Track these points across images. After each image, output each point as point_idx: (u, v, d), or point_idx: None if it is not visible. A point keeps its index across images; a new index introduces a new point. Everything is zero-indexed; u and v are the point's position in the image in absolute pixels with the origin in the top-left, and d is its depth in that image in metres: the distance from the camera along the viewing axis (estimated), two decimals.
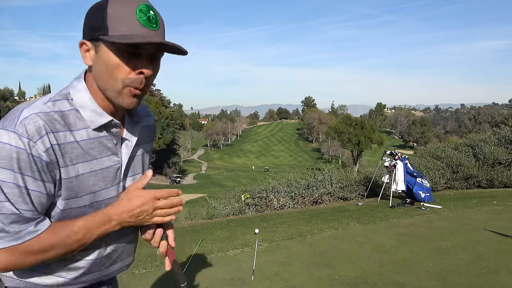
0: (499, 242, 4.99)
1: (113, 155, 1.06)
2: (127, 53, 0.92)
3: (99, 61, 0.95)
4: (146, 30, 0.92)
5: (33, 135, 0.89)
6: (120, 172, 1.09)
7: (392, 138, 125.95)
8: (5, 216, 0.90)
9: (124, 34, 0.90)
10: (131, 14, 0.91)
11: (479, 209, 7.23)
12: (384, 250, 4.90)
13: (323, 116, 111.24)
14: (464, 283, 3.73)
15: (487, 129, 31.11)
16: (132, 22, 0.91)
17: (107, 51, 0.93)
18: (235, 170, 75.35)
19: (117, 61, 0.93)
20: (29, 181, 0.91)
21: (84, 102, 1.00)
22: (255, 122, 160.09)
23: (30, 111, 0.92)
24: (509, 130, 11.22)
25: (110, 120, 1.02)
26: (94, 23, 0.93)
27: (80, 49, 0.98)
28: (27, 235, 0.93)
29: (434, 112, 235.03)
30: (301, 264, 4.39)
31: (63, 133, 0.95)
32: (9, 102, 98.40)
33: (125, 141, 1.10)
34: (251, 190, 9.84)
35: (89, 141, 1.00)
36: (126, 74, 0.94)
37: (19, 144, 0.88)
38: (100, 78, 0.97)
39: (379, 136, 67.72)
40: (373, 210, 7.63)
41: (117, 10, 0.91)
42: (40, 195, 0.93)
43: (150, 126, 1.25)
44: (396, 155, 8.28)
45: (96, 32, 0.93)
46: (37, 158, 0.90)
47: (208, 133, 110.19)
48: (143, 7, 0.93)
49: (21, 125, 0.89)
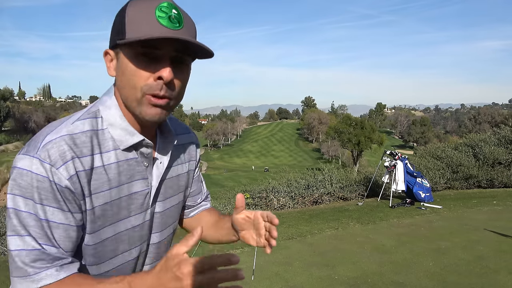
0: (499, 242, 4.99)
1: (142, 180, 0.95)
2: (145, 57, 0.83)
3: (119, 70, 0.87)
4: (166, 30, 0.82)
5: (56, 161, 0.81)
6: (149, 198, 0.98)
7: (392, 138, 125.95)
8: (27, 253, 0.80)
9: (140, 35, 0.81)
10: (149, 14, 0.82)
11: (479, 209, 7.23)
12: (384, 250, 4.90)
13: (323, 116, 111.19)
14: (464, 283, 3.73)
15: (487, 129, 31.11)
16: (150, 22, 0.82)
17: (124, 58, 0.85)
18: (235, 170, 75.37)
19: (134, 67, 0.84)
20: (54, 213, 0.82)
21: (114, 119, 0.90)
22: (255, 122, 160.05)
23: (55, 135, 0.84)
24: (509, 130, 11.23)
25: (141, 140, 0.91)
26: (115, 30, 0.86)
27: (105, 59, 0.90)
28: (44, 279, 0.81)
29: (434, 112, 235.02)
30: (301, 264, 4.38)
31: (89, 157, 0.86)
32: (9, 102, 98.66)
33: (156, 162, 0.98)
34: (251, 190, 9.85)
35: (117, 165, 0.90)
36: (145, 80, 0.84)
37: (40, 171, 0.80)
38: (122, 88, 0.88)
39: (379, 136, 67.67)
40: (373, 210, 7.63)
41: (135, 12, 0.83)
42: (67, 227, 0.84)
43: (187, 145, 1.13)
44: (396, 155, 8.29)
45: (115, 38, 0.85)
46: (59, 186, 0.81)
47: (208, 133, 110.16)
48: (164, 5, 0.83)
49: (44, 150, 0.81)
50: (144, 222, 0.98)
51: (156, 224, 1.04)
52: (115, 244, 0.94)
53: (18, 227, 0.80)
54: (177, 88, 0.87)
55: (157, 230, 1.05)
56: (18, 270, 0.81)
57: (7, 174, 56.74)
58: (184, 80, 0.89)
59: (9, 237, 0.81)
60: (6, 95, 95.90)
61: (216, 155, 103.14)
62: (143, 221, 0.98)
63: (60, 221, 0.82)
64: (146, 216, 0.98)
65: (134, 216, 0.96)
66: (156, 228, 1.05)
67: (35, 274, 0.80)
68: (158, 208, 1.02)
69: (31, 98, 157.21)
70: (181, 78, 0.87)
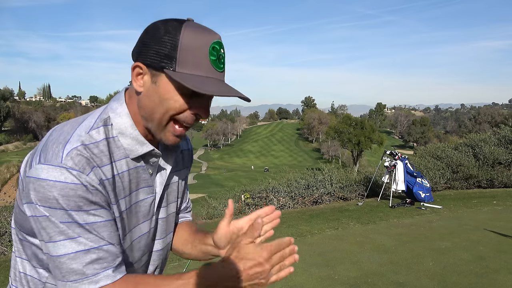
0: (499, 242, 4.99)
1: (147, 187, 0.96)
2: (188, 91, 0.82)
3: (154, 92, 0.84)
4: (214, 72, 0.83)
5: (84, 168, 0.79)
6: (154, 205, 0.99)
7: (392, 138, 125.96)
8: (84, 253, 0.79)
9: (193, 73, 0.80)
10: (204, 51, 0.81)
11: (479, 209, 7.24)
12: (384, 250, 4.90)
13: (323, 116, 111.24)
14: (464, 283, 3.73)
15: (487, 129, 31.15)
16: (203, 61, 0.81)
17: (168, 85, 0.83)
18: (235, 170, 75.36)
19: (176, 97, 0.83)
20: (95, 214, 0.81)
21: (125, 128, 0.89)
22: (255, 122, 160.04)
23: (75, 143, 0.81)
24: (509, 130, 11.24)
25: (151, 150, 0.92)
26: (161, 50, 0.81)
27: (133, 71, 0.86)
28: (102, 280, 0.81)
29: (434, 112, 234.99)
30: (301, 264, 4.39)
31: (109, 166, 0.86)
32: (9, 102, 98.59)
33: (159, 170, 0.99)
34: (251, 190, 9.86)
35: (128, 173, 0.90)
36: (181, 110, 0.84)
37: (72, 179, 0.78)
38: (148, 108, 0.86)
39: (379, 136, 67.72)
40: (373, 210, 7.64)
41: (191, 42, 0.80)
42: (112, 223, 0.85)
43: (185, 151, 1.14)
44: (396, 155, 8.29)
45: (161, 61, 0.81)
46: (92, 188, 0.80)
47: (208, 133, 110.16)
48: (217, 44, 0.83)
49: (68, 158, 0.79)
50: (151, 229, 0.99)
51: (159, 230, 1.05)
52: (131, 252, 0.95)
53: (63, 233, 0.79)
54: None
55: (160, 236, 1.06)
56: (74, 274, 0.79)
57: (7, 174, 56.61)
58: None
59: (57, 242, 0.79)
60: (6, 95, 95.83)
61: (216, 155, 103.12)
62: (149, 228, 0.99)
63: (102, 219, 0.82)
64: (152, 223, 0.99)
65: (143, 223, 0.96)
66: (159, 235, 1.05)
67: (93, 276, 0.80)
68: (161, 215, 1.03)
69: (31, 98, 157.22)
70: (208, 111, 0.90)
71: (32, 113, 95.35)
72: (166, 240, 1.09)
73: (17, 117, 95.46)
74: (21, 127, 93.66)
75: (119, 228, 0.88)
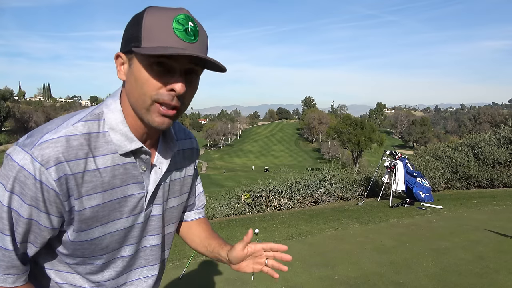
0: (499, 242, 4.99)
1: (137, 184, 0.97)
2: (159, 67, 0.84)
3: (131, 76, 0.88)
4: (182, 43, 0.83)
5: (47, 161, 0.82)
6: (144, 201, 1.00)
7: (392, 138, 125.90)
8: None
9: (157, 46, 0.83)
10: (167, 25, 0.83)
11: (479, 209, 7.23)
12: (384, 250, 4.90)
13: (323, 116, 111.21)
14: (464, 283, 3.73)
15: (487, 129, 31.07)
16: (167, 33, 0.83)
17: (138, 65, 0.86)
18: (235, 170, 75.33)
19: (147, 76, 0.85)
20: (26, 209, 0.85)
21: (115, 124, 0.92)
22: (255, 122, 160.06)
23: (53, 135, 0.85)
24: (509, 130, 11.22)
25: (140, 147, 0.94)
26: (130, 35, 0.86)
27: (116, 62, 0.91)
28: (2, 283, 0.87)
29: (434, 112, 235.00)
30: (301, 264, 4.39)
31: (83, 160, 0.87)
32: (9, 102, 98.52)
33: (154, 167, 1.01)
34: (251, 190, 9.85)
35: (112, 168, 0.92)
36: (156, 90, 0.86)
37: (29, 168, 0.82)
38: (131, 93, 0.89)
39: (379, 136, 67.68)
40: (373, 210, 7.64)
41: (153, 21, 0.84)
42: (42, 228, 0.88)
43: (187, 150, 1.16)
44: (396, 155, 8.28)
45: (130, 44, 0.86)
46: (45, 186, 0.83)
47: (208, 133, 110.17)
48: (182, 17, 0.85)
49: (38, 148, 0.83)
50: (135, 224, 1.01)
51: (152, 226, 1.06)
52: (103, 242, 0.97)
53: None
54: (186, 99, 0.90)
55: (154, 232, 1.07)
56: None
57: None
58: (193, 90, 0.91)
59: None
60: (6, 95, 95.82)
61: (216, 155, 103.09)
62: (133, 223, 1.00)
63: (29, 217, 0.85)
64: (139, 218, 1.01)
65: (126, 218, 0.98)
66: (153, 231, 1.07)
67: None
68: (155, 211, 1.05)
69: (31, 98, 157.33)
70: (190, 88, 0.90)
71: (32, 113, 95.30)
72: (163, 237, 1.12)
73: (17, 117, 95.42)
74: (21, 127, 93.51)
75: (88, 219, 0.91)
